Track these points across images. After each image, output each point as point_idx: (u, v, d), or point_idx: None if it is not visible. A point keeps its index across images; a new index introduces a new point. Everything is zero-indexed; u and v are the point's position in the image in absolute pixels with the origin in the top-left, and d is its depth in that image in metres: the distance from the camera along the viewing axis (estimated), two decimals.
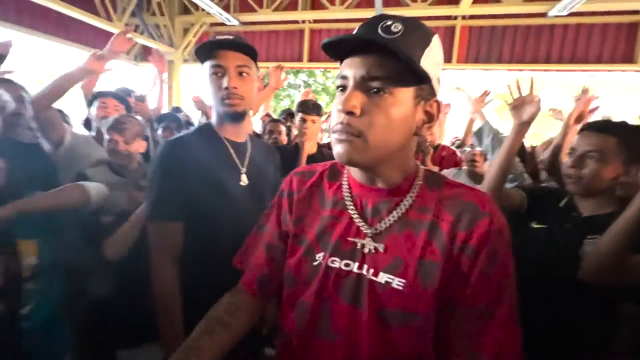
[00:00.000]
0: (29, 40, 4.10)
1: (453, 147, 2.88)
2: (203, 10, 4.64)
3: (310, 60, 5.26)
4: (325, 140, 3.09)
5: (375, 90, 0.49)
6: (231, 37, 0.93)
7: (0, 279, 0.91)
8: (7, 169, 0.98)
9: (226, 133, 1.00)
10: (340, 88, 0.53)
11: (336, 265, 0.57)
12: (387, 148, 0.51)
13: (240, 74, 0.93)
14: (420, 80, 0.50)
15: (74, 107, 2.61)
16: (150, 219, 0.92)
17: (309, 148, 1.84)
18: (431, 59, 0.50)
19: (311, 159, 1.85)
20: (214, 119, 1.02)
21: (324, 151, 1.96)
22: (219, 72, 0.92)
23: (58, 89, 1.36)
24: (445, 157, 2.63)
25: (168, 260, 0.90)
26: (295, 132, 2.17)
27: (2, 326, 0.93)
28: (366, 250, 0.56)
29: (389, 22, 0.49)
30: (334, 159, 0.55)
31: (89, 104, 1.82)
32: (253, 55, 0.97)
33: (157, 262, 0.90)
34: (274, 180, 1.13)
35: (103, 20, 4.14)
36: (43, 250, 1.01)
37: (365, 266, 0.55)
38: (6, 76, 1.43)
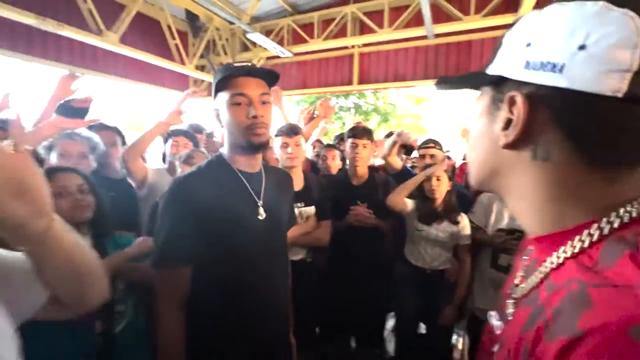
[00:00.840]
0: (121, 84, 4.91)
1: None
2: (260, 46, 5.09)
3: (360, 82, 5.38)
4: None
5: None
6: (249, 64, 0.90)
7: None
8: (96, 202, 1.13)
9: (239, 165, 0.93)
10: None
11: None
12: None
13: (264, 102, 0.89)
14: None
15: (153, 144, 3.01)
16: (156, 266, 0.86)
17: (362, 173, 1.83)
18: None
19: (363, 183, 1.83)
20: (225, 150, 0.95)
21: (375, 175, 1.93)
22: (242, 102, 0.86)
23: (144, 142, 1.61)
24: None
25: (174, 307, 0.84)
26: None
27: (102, 343, 1.06)
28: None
29: None
30: (386, 182, 0.48)
31: (165, 141, 2.11)
32: (272, 81, 0.93)
33: (162, 309, 0.84)
34: (290, 208, 1.09)
35: (178, 64, 4.77)
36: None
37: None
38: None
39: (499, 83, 0.37)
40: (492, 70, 0.38)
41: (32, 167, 0.44)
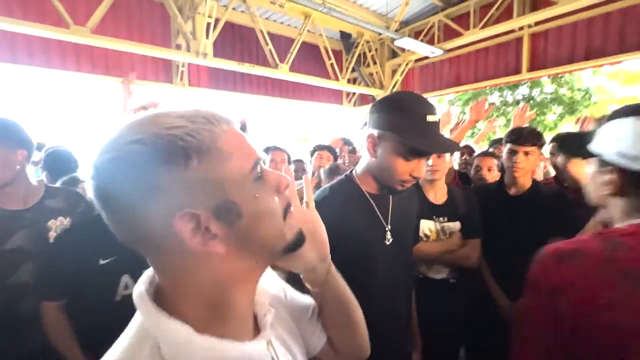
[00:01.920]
0: (289, 104, 5.94)
1: None
2: (409, 50, 5.01)
3: (533, 68, 4.43)
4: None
5: None
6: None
7: None
8: None
9: (369, 187, 0.92)
10: None
11: None
12: None
13: (440, 155, 0.91)
14: None
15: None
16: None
17: (522, 184, 1.50)
18: None
19: (524, 198, 1.51)
20: (358, 171, 0.94)
21: (541, 188, 1.53)
22: (413, 159, 0.83)
23: None
24: None
25: None
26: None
27: None
28: None
29: None
30: (553, 198, 0.74)
31: (311, 154, 2.43)
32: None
33: None
34: (414, 225, 1.05)
35: (333, 81, 5.32)
36: None
37: None
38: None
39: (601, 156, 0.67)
40: (595, 148, 0.68)
41: (319, 219, 0.56)
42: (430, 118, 0.80)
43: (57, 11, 3.12)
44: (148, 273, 0.43)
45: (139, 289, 0.40)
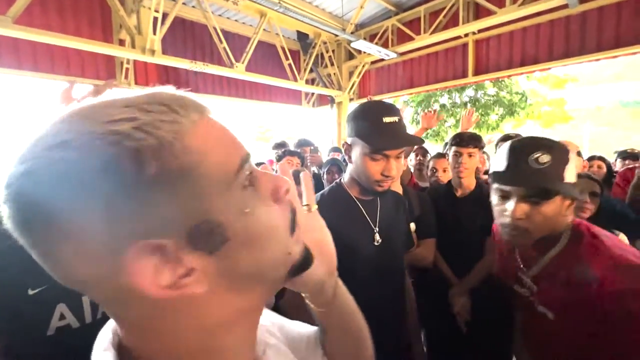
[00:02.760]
0: (247, 104, 5.79)
1: None
2: (365, 52, 5.12)
3: (477, 73, 4.77)
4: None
5: (534, 202, 0.76)
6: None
7: None
8: None
9: (357, 193, 1.00)
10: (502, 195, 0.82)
11: None
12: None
13: (398, 157, 0.92)
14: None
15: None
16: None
17: (467, 185, 1.60)
18: (570, 171, 0.75)
19: (469, 197, 1.60)
20: (346, 179, 1.02)
21: (483, 188, 1.62)
22: (380, 159, 0.90)
23: None
24: None
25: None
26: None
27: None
28: None
29: (537, 155, 0.74)
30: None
31: (278, 159, 2.39)
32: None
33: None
34: (405, 230, 1.10)
35: (292, 81, 5.27)
36: None
37: None
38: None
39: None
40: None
41: (325, 227, 0.47)
42: (386, 119, 0.87)
43: None
44: (111, 324, 0.32)
45: (100, 348, 0.30)
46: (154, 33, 3.52)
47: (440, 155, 2.14)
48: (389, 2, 5.01)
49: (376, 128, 0.88)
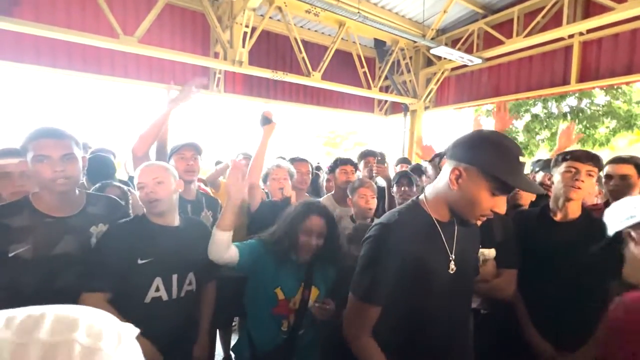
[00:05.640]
0: (314, 112, 5.97)
1: None
2: (445, 58, 4.84)
3: (582, 80, 4.11)
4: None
5: None
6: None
7: (296, 304, 1.28)
8: None
9: (438, 215, 0.93)
10: None
11: None
12: None
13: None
14: None
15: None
16: (361, 299, 0.91)
17: (573, 210, 1.36)
18: None
19: (573, 225, 1.36)
20: (429, 199, 0.95)
21: (593, 216, 1.36)
22: (497, 195, 0.86)
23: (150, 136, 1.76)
24: None
25: (366, 333, 0.91)
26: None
27: (286, 338, 1.30)
28: None
29: None
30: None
31: (331, 170, 2.36)
32: None
33: (355, 334, 0.92)
34: (476, 258, 1.02)
35: (365, 89, 5.27)
36: (319, 297, 1.33)
37: None
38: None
39: None
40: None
41: None
42: (521, 159, 0.84)
43: (108, 22, 3.37)
44: None
45: None
46: (243, 46, 3.89)
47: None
48: (477, 3, 4.66)
49: (513, 166, 0.83)
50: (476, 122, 2.19)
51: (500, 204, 0.86)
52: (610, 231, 0.93)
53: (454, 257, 0.93)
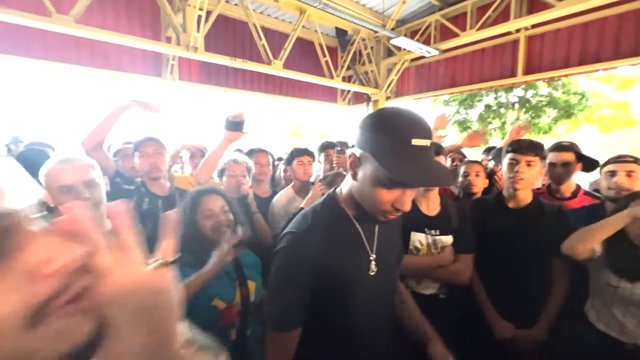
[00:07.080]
0: (282, 101, 5.85)
1: None
2: (405, 49, 4.94)
3: (528, 72, 4.41)
4: None
5: None
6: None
7: (238, 306, 1.21)
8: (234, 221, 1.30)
9: (354, 212, 0.82)
10: None
11: None
12: None
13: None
14: None
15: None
16: (276, 330, 0.80)
17: (522, 198, 1.44)
18: None
19: (525, 211, 1.45)
20: (344, 194, 0.83)
21: (542, 202, 1.47)
22: (395, 188, 0.71)
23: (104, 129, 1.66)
24: None
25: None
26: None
27: (237, 344, 1.19)
28: None
29: None
30: (560, 214, 0.62)
31: (288, 162, 2.25)
32: None
33: None
34: (399, 248, 0.97)
35: (328, 79, 5.23)
36: (258, 290, 1.27)
37: None
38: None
39: None
40: None
41: (170, 282, 0.33)
42: (416, 142, 0.65)
43: None
44: None
45: None
46: (198, 30, 3.65)
47: (472, 161, 2.01)
48: None
49: (402, 151, 0.65)
50: (442, 119, 2.29)
51: (402, 200, 0.70)
52: None
53: (374, 256, 0.84)
